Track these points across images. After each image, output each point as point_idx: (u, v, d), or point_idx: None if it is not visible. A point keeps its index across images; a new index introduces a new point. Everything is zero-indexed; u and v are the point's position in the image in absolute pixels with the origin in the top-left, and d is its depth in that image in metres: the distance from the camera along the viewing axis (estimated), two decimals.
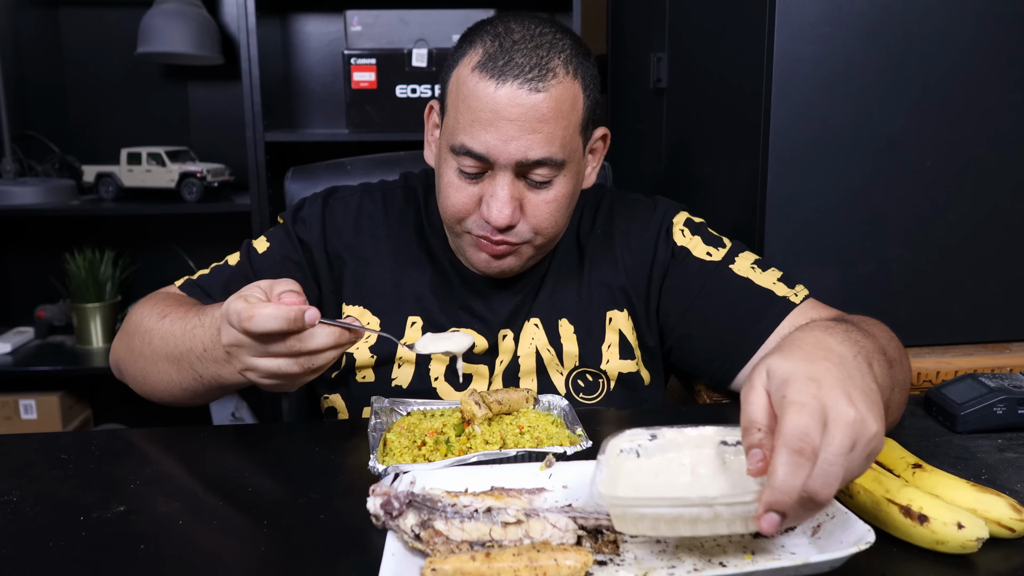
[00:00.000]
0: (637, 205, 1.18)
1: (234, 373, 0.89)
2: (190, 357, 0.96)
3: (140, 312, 1.07)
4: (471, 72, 0.98)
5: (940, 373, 1.30)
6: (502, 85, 0.95)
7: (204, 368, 0.95)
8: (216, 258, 1.19)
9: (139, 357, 1.04)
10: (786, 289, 1.06)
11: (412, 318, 1.12)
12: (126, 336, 1.08)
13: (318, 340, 0.84)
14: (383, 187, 1.22)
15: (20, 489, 0.82)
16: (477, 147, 0.97)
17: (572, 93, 0.99)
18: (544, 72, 0.96)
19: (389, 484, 0.70)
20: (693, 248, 1.12)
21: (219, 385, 0.96)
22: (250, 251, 1.16)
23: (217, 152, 2.65)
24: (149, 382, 1.04)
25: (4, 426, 2.45)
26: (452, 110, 1.01)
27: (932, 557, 0.68)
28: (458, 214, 1.03)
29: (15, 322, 2.66)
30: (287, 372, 0.85)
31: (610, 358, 1.12)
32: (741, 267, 1.09)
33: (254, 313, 0.81)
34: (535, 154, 0.97)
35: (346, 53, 2.27)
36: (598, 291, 1.13)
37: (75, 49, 2.64)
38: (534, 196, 1.01)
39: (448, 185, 1.03)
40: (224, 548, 0.72)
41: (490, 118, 0.96)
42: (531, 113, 0.96)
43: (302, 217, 1.17)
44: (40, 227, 2.68)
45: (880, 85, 1.26)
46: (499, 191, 0.99)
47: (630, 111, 2.10)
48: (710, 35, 1.53)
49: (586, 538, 0.68)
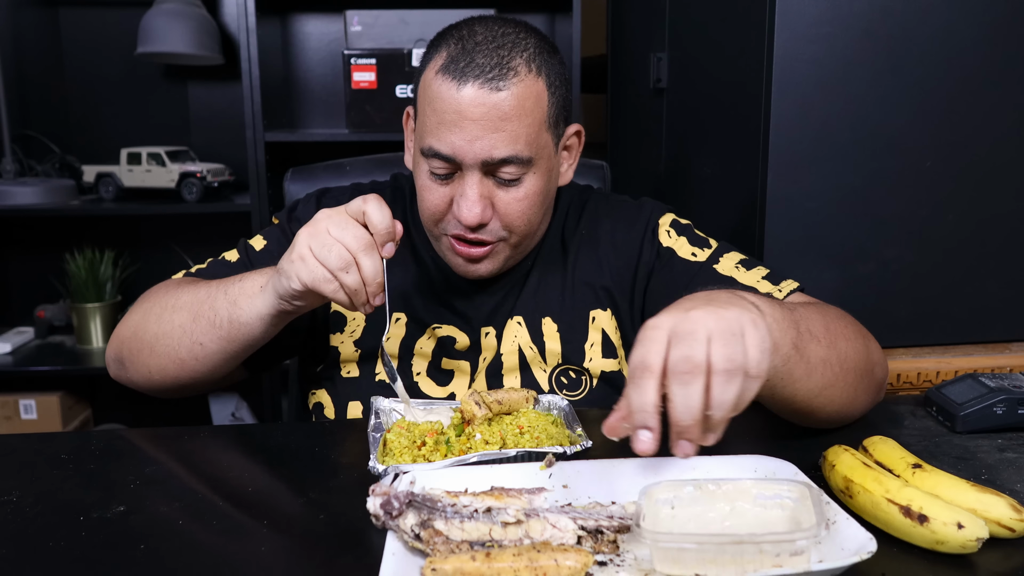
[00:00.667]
0: (623, 206, 1.19)
1: (255, 300, 0.94)
2: (216, 297, 0.98)
3: (159, 291, 1.07)
4: (435, 75, 1.00)
5: (940, 373, 1.30)
6: (463, 86, 0.97)
7: (227, 302, 0.96)
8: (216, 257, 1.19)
9: (154, 322, 1.03)
10: (770, 286, 1.06)
11: (396, 314, 1.14)
12: (138, 313, 1.07)
13: (373, 264, 0.89)
14: (373, 187, 1.24)
15: (20, 489, 0.82)
16: (443, 148, 0.99)
17: (535, 90, 1.00)
18: (504, 71, 0.98)
19: (389, 484, 0.70)
20: (678, 249, 1.12)
21: (229, 320, 0.97)
22: (248, 248, 1.17)
23: (217, 152, 2.65)
24: (155, 355, 1.02)
25: (4, 426, 2.45)
26: (421, 114, 1.03)
27: (932, 557, 0.68)
28: (433, 215, 1.05)
29: (15, 322, 2.66)
30: (328, 257, 0.88)
31: (593, 356, 1.12)
32: (725, 267, 1.09)
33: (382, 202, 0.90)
34: (500, 152, 0.98)
35: (346, 53, 2.27)
36: (582, 291, 1.14)
37: (75, 49, 2.64)
38: (504, 194, 1.02)
39: (422, 188, 1.05)
40: (224, 548, 0.72)
41: (454, 119, 0.98)
42: (493, 112, 0.97)
43: (296, 216, 1.18)
44: (40, 227, 2.68)
45: (880, 85, 1.26)
46: (468, 190, 1.00)
47: (630, 111, 2.10)
48: (710, 35, 1.53)
49: (586, 538, 0.68)
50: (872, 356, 0.94)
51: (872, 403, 0.97)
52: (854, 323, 0.96)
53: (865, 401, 0.94)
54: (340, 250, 0.88)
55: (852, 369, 0.89)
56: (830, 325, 0.88)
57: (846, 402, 0.90)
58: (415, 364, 1.13)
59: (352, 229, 0.89)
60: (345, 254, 0.88)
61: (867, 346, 0.94)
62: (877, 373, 0.95)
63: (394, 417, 0.96)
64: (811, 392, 0.84)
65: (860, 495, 0.73)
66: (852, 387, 0.89)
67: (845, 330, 0.91)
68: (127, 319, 1.09)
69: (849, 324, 0.94)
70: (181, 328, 1.00)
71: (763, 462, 0.77)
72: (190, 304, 1.01)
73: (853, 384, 0.89)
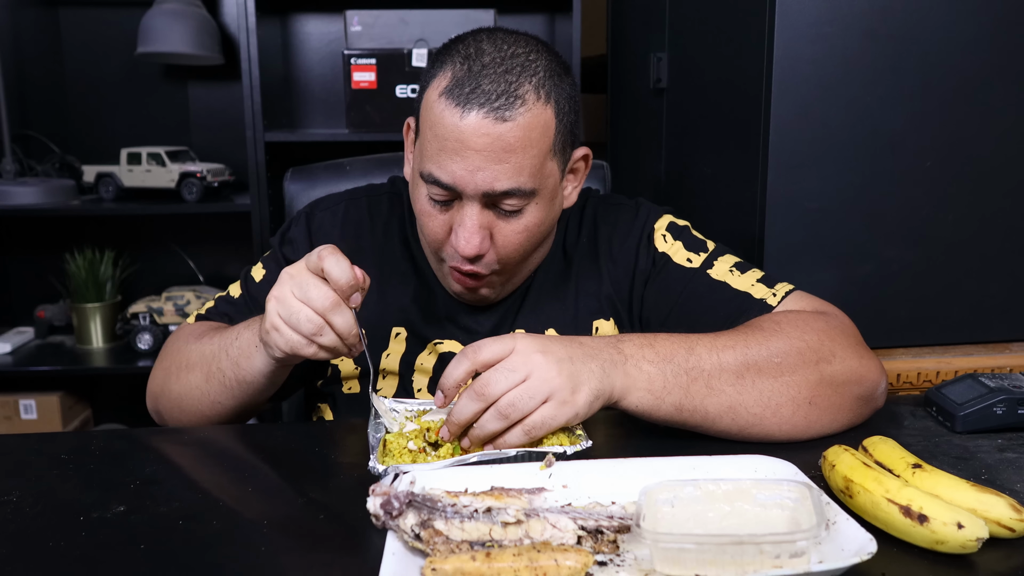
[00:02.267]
0: (620, 210, 1.16)
1: (253, 357, 0.94)
2: (220, 356, 0.99)
3: (175, 344, 1.10)
4: (438, 97, 0.96)
5: (940, 373, 1.30)
6: (467, 114, 0.93)
7: (229, 361, 0.98)
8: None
9: (175, 382, 1.06)
10: (765, 290, 1.04)
11: (396, 329, 1.11)
12: (161, 371, 1.10)
13: (344, 319, 0.87)
14: (369, 193, 1.20)
15: (20, 489, 0.82)
16: (444, 177, 0.96)
17: (543, 120, 0.96)
18: (512, 100, 0.93)
19: (389, 484, 0.70)
20: (673, 254, 1.10)
21: (236, 379, 0.98)
22: (248, 282, 1.16)
23: (217, 152, 2.65)
24: (184, 406, 1.05)
25: (4, 426, 2.45)
26: (422, 135, 1.00)
27: (932, 557, 0.68)
28: (434, 243, 1.03)
29: (15, 322, 2.67)
30: (299, 323, 0.87)
31: None
32: (719, 271, 1.07)
33: (339, 255, 0.87)
34: (502, 185, 0.95)
35: (346, 53, 2.27)
36: (584, 301, 1.12)
37: (75, 49, 2.64)
38: (504, 225, 0.99)
39: (421, 212, 1.02)
40: (224, 548, 0.72)
41: (456, 147, 0.94)
42: (497, 143, 0.93)
43: (289, 239, 1.17)
44: (40, 227, 2.68)
45: (880, 85, 1.26)
46: (467, 220, 0.97)
47: (630, 111, 2.10)
48: (710, 35, 1.53)
49: (586, 538, 0.68)
50: (832, 377, 0.91)
51: (857, 417, 0.94)
52: (834, 339, 0.93)
53: (844, 418, 0.92)
54: (308, 314, 0.87)
55: (804, 399, 0.89)
56: (772, 359, 0.89)
57: (805, 425, 0.90)
58: (416, 380, 1.11)
59: (315, 289, 0.87)
60: (315, 317, 0.87)
61: (821, 368, 0.91)
62: (846, 390, 0.92)
63: (394, 417, 0.96)
64: (739, 424, 0.88)
65: (860, 495, 0.72)
66: (806, 412, 0.89)
67: (802, 356, 0.90)
68: (154, 375, 1.12)
69: (815, 345, 0.92)
70: (198, 389, 1.03)
71: (763, 462, 0.77)
72: (200, 363, 1.02)
73: (806, 410, 0.89)
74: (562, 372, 0.82)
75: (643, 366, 0.86)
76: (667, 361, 0.87)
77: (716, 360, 0.88)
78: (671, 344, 0.88)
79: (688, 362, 0.87)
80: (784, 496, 0.70)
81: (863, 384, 0.93)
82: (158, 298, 2.54)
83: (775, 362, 0.90)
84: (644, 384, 0.86)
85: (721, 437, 0.90)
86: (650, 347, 0.88)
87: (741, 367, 0.88)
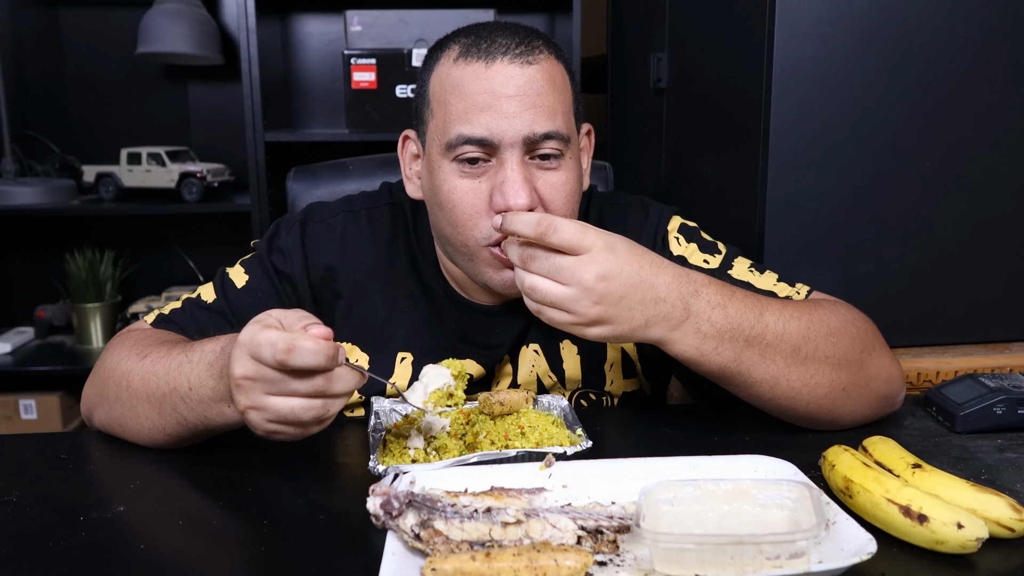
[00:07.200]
0: (627, 210, 1.13)
1: (226, 414, 0.81)
2: (173, 398, 0.86)
3: (115, 354, 0.97)
4: (454, 64, 0.94)
5: (940, 373, 1.30)
6: (492, 63, 0.91)
7: (189, 410, 0.85)
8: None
9: (115, 403, 0.93)
10: (788, 288, 1.04)
11: (402, 354, 1.06)
12: (99, 381, 0.98)
13: (344, 383, 0.75)
14: (367, 204, 1.12)
15: (20, 489, 0.82)
16: (478, 131, 0.91)
17: (560, 71, 0.96)
18: (531, 48, 0.93)
19: (389, 484, 0.70)
20: (690, 256, 1.08)
21: (206, 428, 0.86)
22: (225, 285, 1.07)
23: (217, 152, 2.65)
24: (128, 429, 0.93)
25: (4, 426, 2.45)
26: (440, 111, 0.95)
27: (932, 557, 0.68)
28: (468, 222, 0.94)
29: (15, 322, 2.66)
30: (300, 417, 0.75)
31: (613, 379, 1.10)
32: (739, 271, 1.05)
33: (296, 345, 0.71)
34: (541, 127, 0.91)
35: (346, 53, 2.27)
36: None
37: (75, 49, 2.64)
38: (547, 178, 0.94)
39: (450, 192, 0.94)
40: (224, 548, 0.72)
41: (487, 100, 0.91)
42: (529, 86, 0.91)
43: (279, 247, 1.08)
44: (40, 227, 2.68)
45: (880, 85, 1.26)
46: (510, 174, 0.91)
47: (630, 111, 2.10)
48: (710, 35, 1.53)
49: (586, 538, 0.68)
50: (868, 370, 0.92)
51: (874, 416, 0.95)
52: (876, 335, 0.95)
53: (865, 413, 0.93)
54: (303, 404, 0.75)
55: (840, 385, 0.90)
56: (830, 337, 0.89)
57: (830, 410, 0.90)
58: None
59: (297, 403, 0.75)
60: (313, 403, 0.75)
61: (863, 359, 0.92)
62: (875, 386, 0.93)
63: (394, 417, 0.96)
64: (773, 394, 0.88)
65: (860, 495, 0.73)
66: (836, 398, 0.90)
67: (853, 343, 0.91)
68: (91, 383, 1.00)
69: (864, 334, 0.93)
70: (148, 420, 0.89)
71: (763, 462, 0.77)
72: (149, 398, 0.88)
73: (837, 396, 0.90)
74: (601, 307, 0.79)
75: (703, 327, 0.83)
76: (731, 328, 0.84)
77: (780, 329, 0.87)
78: (743, 309, 0.85)
79: (753, 330, 0.85)
80: (784, 496, 0.70)
81: (891, 384, 0.95)
82: (158, 298, 2.54)
83: (831, 341, 0.89)
84: (695, 343, 0.84)
85: (743, 399, 0.90)
86: (721, 309, 0.84)
87: (800, 340, 0.87)
